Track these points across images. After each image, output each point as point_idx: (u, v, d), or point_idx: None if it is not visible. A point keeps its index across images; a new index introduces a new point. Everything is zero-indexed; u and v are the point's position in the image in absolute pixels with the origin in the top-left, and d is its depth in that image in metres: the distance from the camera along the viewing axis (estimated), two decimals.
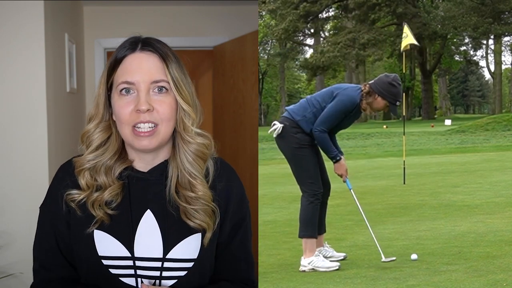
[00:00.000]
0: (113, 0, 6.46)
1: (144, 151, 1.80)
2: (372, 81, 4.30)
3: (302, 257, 4.23)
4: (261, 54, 50.65)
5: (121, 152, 1.84)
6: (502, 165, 11.46)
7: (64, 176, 1.86)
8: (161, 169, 1.84)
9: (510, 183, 8.43)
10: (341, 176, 4.37)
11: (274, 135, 4.28)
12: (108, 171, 1.81)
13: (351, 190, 4.46)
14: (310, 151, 4.25)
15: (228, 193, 1.90)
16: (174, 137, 1.84)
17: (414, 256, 4.28)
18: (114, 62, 1.80)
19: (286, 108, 4.38)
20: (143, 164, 1.85)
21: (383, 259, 4.22)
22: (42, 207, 1.91)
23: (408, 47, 9.55)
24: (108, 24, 6.56)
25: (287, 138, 4.25)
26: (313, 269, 4.16)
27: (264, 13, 44.68)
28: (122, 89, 1.76)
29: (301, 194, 4.31)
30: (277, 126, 4.25)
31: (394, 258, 4.23)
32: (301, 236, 4.24)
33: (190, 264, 1.82)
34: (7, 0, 4.25)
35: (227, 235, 1.91)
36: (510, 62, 71.78)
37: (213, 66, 6.93)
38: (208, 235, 1.83)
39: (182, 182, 1.82)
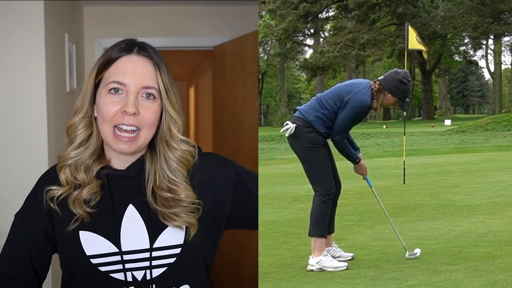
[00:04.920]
0: (113, 0, 6.47)
1: (122, 154, 1.84)
2: (382, 77, 4.30)
3: (310, 256, 4.22)
4: (261, 54, 50.66)
5: (100, 152, 1.88)
6: (502, 165, 11.45)
7: (44, 180, 1.90)
8: (139, 165, 1.87)
9: (510, 183, 8.43)
10: (361, 175, 4.46)
11: (287, 135, 4.28)
12: (87, 169, 1.84)
13: (372, 188, 4.57)
14: (323, 151, 4.26)
15: (207, 170, 1.92)
16: (154, 140, 1.86)
17: (416, 250, 4.34)
18: (108, 60, 1.81)
19: (298, 107, 4.38)
20: (120, 162, 1.88)
21: (407, 254, 4.35)
22: (18, 215, 1.92)
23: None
24: (108, 24, 6.56)
25: (300, 138, 4.25)
26: (321, 268, 4.16)
27: (264, 13, 44.70)
28: (112, 88, 1.78)
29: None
30: (290, 126, 4.26)
31: (418, 254, 4.36)
32: (311, 235, 4.25)
33: (178, 250, 1.83)
34: (7, 0, 4.25)
35: (235, 190, 1.93)
36: (510, 62, 71.86)
37: (213, 66, 6.93)
38: (192, 232, 1.84)
39: (159, 185, 1.84)
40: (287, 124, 4.30)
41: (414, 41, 9.26)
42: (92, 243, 1.80)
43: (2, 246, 1.92)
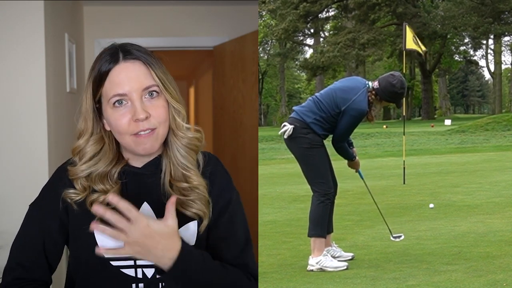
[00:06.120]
0: (113, 0, 6.47)
1: (146, 154, 1.85)
2: (377, 85, 4.25)
3: (310, 257, 4.22)
4: (261, 54, 50.66)
5: (118, 157, 1.88)
6: (502, 165, 11.45)
7: (62, 177, 1.89)
8: (155, 164, 1.89)
9: (510, 183, 8.43)
10: (354, 169, 4.59)
11: (285, 137, 4.28)
12: (103, 178, 1.84)
13: (364, 179, 4.70)
14: (320, 151, 4.27)
15: (212, 178, 1.94)
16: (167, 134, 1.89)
17: (431, 205, 4.46)
18: (100, 75, 1.80)
19: (294, 108, 4.37)
20: (138, 161, 1.89)
21: (392, 237, 4.58)
22: (33, 206, 1.93)
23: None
24: (108, 24, 6.56)
25: (297, 139, 4.25)
26: (321, 268, 4.16)
27: (264, 13, 44.69)
28: (115, 102, 1.78)
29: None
30: (288, 127, 4.25)
31: (402, 236, 4.61)
32: (310, 235, 4.25)
33: None
34: (7, 0, 4.25)
35: (213, 218, 1.94)
36: (510, 62, 71.79)
37: (213, 66, 6.93)
38: (205, 222, 1.87)
39: (175, 176, 1.87)
40: (284, 125, 4.29)
41: (410, 41, 9.29)
42: (106, 237, 1.80)
43: (2, 245, 1.92)
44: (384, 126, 30.28)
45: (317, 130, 4.22)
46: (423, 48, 9.40)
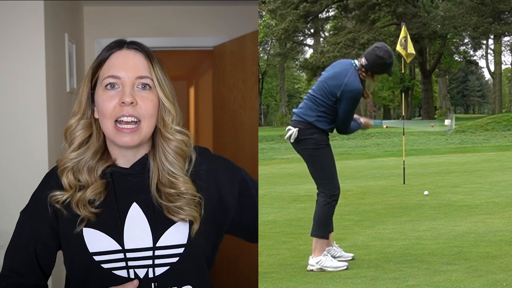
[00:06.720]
0: (113, 0, 6.47)
1: (126, 147, 1.84)
2: (365, 62, 4.21)
3: (310, 256, 4.22)
4: (261, 54, 50.64)
5: (104, 152, 1.88)
6: (502, 165, 11.46)
7: (49, 180, 1.90)
8: (143, 163, 1.88)
9: (510, 183, 8.43)
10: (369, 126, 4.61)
11: (291, 140, 4.28)
12: (91, 170, 1.85)
13: (383, 124, 4.79)
14: (326, 151, 4.27)
15: (214, 173, 1.94)
16: (154, 136, 1.88)
17: (426, 192, 4.46)
18: (100, 60, 1.85)
19: (294, 110, 4.37)
20: (125, 160, 1.88)
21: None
22: (23, 212, 1.94)
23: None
24: (108, 24, 6.56)
25: (303, 141, 4.26)
26: (321, 268, 4.16)
27: (264, 13, 44.68)
28: (107, 84, 1.81)
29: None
30: (293, 130, 4.25)
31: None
32: (313, 235, 4.25)
33: (181, 250, 1.84)
34: (7, 0, 4.25)
35: (240, 198, 1.96)
36: (510, 62, 71.76)
37: (213, 66, 6.93)
38: (196, 226, 1.85)
39: (162, 181, 1.86)
40: (289, 129, 4.29)
41: (399, 43, 9.36)
42: (96, 240, 1.82)
43: (2, 245, 1.93)
44: (384, 126, 30.29)
45: (322, 126, 4.22)
46: (403, 53, 9.44)
